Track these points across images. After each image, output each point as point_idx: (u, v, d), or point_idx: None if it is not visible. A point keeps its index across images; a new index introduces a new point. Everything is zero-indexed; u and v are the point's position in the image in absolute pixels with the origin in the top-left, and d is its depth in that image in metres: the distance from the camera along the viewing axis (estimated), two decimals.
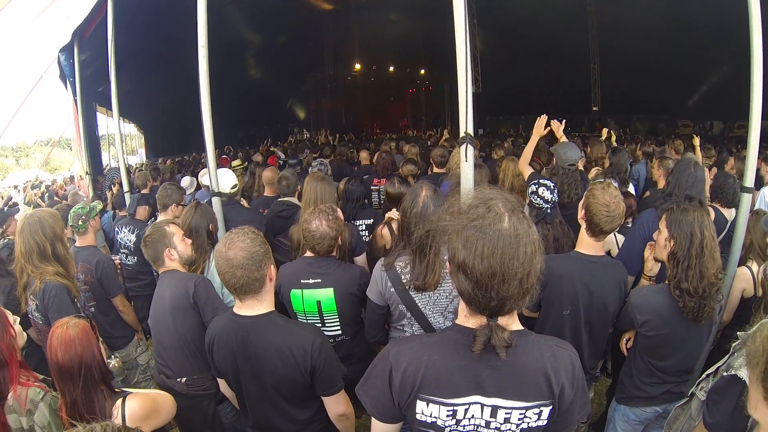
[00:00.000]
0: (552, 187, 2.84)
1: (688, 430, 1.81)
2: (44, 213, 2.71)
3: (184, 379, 2.44)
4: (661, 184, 3.91)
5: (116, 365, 2.31)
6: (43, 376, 1.81)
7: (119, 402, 1.69)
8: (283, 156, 8.75)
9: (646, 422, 2.36)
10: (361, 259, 3.04)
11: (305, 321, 2.44)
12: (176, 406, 1.93)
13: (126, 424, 1.63)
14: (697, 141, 5.52)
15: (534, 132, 3.75)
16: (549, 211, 2.83)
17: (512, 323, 1.21)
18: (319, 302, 2.37)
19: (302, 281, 2.37)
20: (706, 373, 1.71)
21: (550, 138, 4.22)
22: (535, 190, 2.84)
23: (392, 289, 2.10)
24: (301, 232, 2.47)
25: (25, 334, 1.97)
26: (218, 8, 3.68)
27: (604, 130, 6.60)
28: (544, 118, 3.72)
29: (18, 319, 1.90)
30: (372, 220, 3.74)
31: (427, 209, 2.04)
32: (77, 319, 1.71)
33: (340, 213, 2.47)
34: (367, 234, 3.70)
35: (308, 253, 2.45)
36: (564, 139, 3.78)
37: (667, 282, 2.11)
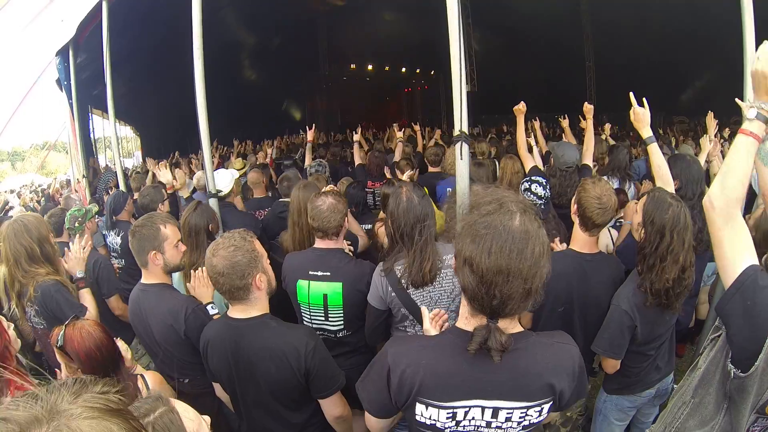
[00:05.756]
0: (544, 183, 2.85)
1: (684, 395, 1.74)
2: (28, 216, 2.68)
3: (186, 380, 2.41)
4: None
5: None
6: (38, 381, 1.79)
7: (139, 379, 1.76)
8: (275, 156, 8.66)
9: (641, 406, 2.36)
10: None
11: (308, 312, 2.42)
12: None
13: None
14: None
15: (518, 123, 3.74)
16: (542, 207, 2.84)
17: (512, 327, 1.20)
18: (325, 295, 2.35)
19: (311, 272, 2.35)
20: (703, 346, 1.67)
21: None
22: (528, 186, 2.86)
23: (393, 294, 2.09)
24: (307, 218, 2.45)
25: (19, 340, 1.96)
26: (213, 10, 3.67)
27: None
28: (522, 107, 3.72)
29: (12, 325, 1.89)
30: (372, 226, 3.71)
31: (411, 202, 2.06)
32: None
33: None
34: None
35: (317, 244, 2.44)
36: (541, 138, 3.76)
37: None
